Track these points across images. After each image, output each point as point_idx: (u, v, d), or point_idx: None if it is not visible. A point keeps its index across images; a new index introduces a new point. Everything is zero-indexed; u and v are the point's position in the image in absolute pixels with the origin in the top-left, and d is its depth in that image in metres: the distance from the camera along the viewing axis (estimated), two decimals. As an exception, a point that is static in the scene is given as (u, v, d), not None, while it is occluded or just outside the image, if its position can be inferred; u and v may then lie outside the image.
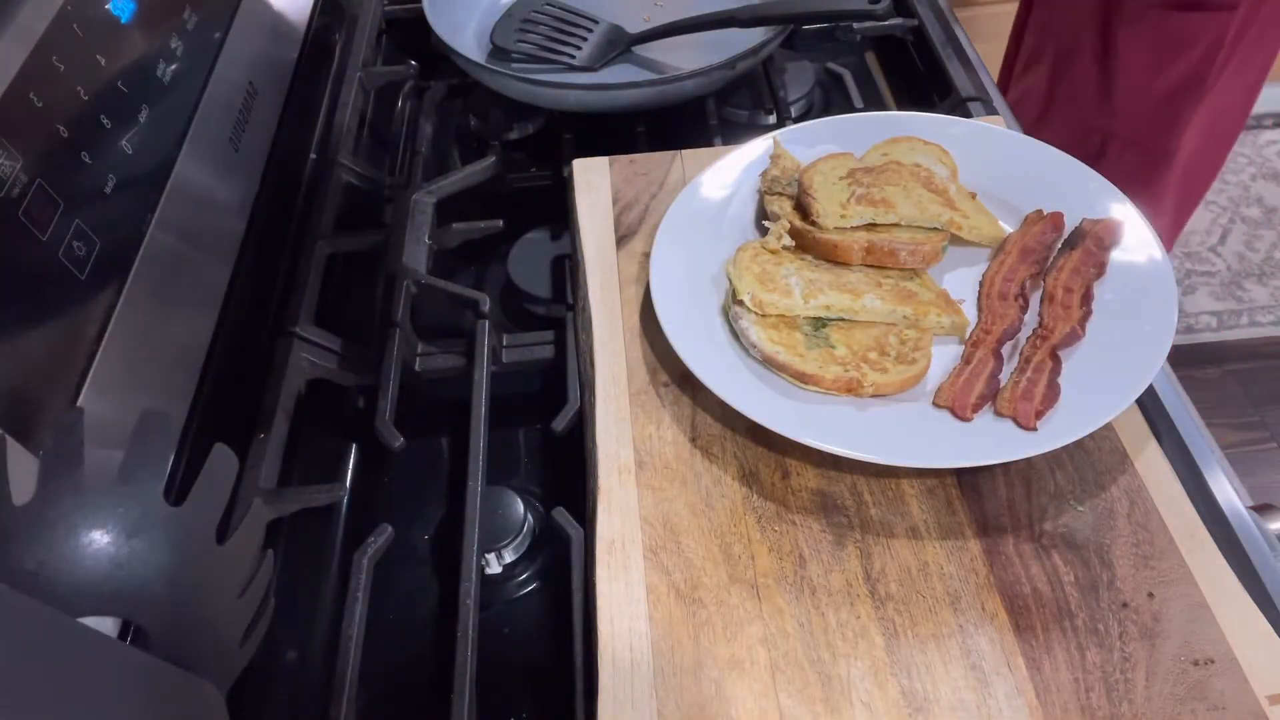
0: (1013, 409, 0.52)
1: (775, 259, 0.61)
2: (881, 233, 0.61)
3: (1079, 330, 0.55)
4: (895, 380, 0.54)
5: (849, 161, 0.66)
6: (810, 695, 0.45)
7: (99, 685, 0.35)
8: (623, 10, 0.88)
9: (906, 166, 0.64)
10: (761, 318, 0.58)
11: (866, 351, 0.56)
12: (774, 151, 0.68)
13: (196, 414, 0.58)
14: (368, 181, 0.80)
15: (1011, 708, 0.44)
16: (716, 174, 0.68)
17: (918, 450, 0.51)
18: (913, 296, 0.58)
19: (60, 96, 0.51)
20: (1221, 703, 0.44)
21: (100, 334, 0.51)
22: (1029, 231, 0.62)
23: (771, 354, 0.56)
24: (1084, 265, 0.59)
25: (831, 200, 0.62)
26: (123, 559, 0.42)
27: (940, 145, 0.67)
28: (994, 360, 0.55)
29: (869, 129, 0.69)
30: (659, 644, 0.47)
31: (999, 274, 0.60)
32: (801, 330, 0.58)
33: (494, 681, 0.50)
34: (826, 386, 0.54)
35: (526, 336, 0.67)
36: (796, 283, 0.59)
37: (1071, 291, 0.58)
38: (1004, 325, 0.57)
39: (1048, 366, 0.54)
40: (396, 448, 0.59)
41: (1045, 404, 0.52)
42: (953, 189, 0.64)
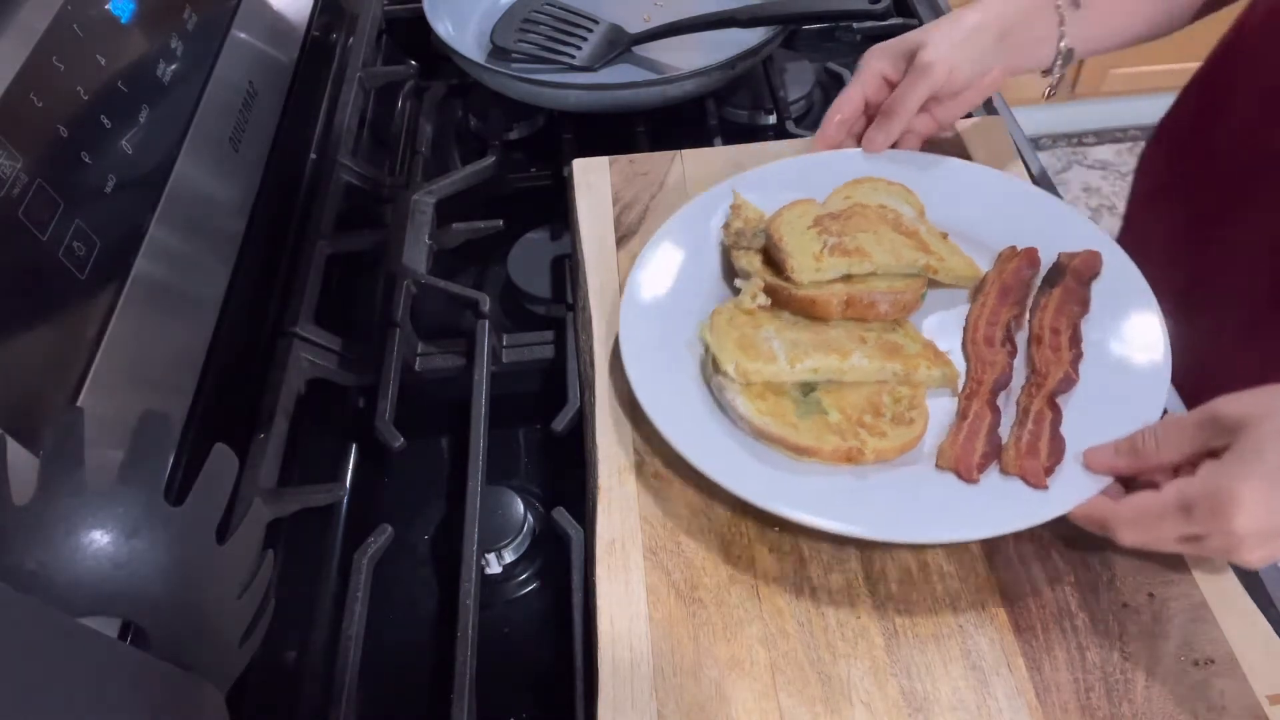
0: (1019, 467, 0.49)
1: (752, 320, 0.57)
2: (859, 284, 0.58)
3: (1073, 374, 0.53)
4: (895, 445, 0.51)
5: (813, 208, 0.62)
6: (810, 695, 0.45)
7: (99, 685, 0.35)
8: (623, 10, 0.88)
9: (872, 209, 0.62)
10: (747, 386, 0.54)
11: (861, 415, 0.53)
12: (734, 202, 0.65)
13: (196, 414, 0.58)
14: (368, 181, 0.80)
15: (1011, 708, 0.44)
16: (676, 228, 0.64)
17: (928, 522, 0.48)
18: (899, 350, 0.55)
19: (60, 96, 0.51)
20: (1221, 703, 0.44)
21: (100, 334, 0.51)
22: (1005, 269, 0.60)
23: (763, 427, 0.52)
24: (1067, 303, 0.57)
25: (804, 253, 0.58)
26: (123, 559, 0.42)
27: (903, 184, 0.64)
28: (991, 413, 0.53)
29: (829, 170, 0.66)
30: (659, 644, 0.47)
31: (981, 318, 0.58)
32: (790, 396, 0.54)
33: (494, 681, 0.50)
34: (825, 458, 0.51)
35: (526, 336, 0.67)
36: (779, 346, 0.55)
37: (1059, 333, 0.56)
38: (995, 374, 0.54)
39: (1047, 417, 0.51)
40: (396, 448, 0.59)
41: (1052, 459, 0.49)
42: (923, 229, 0.61)
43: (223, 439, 0.46)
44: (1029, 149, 0.74)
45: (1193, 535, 0.44)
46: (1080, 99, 2.25)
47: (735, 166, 0.71)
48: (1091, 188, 2.26)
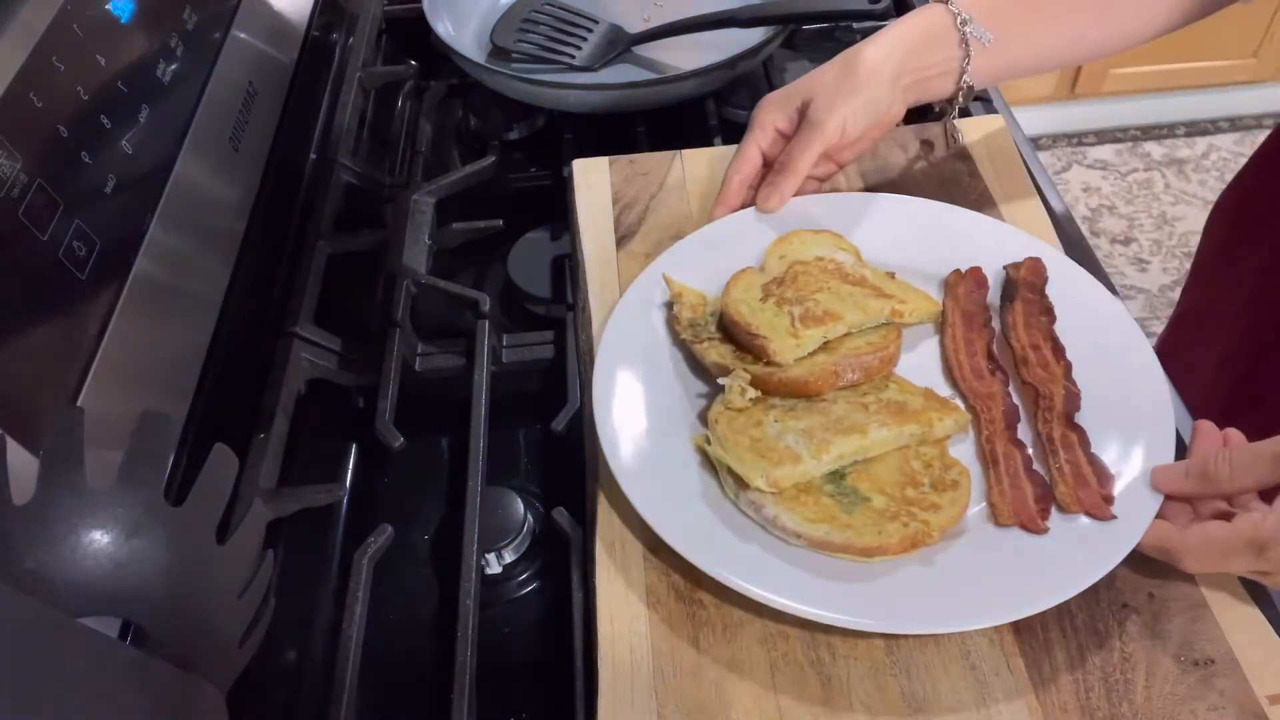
0: (1079, 502, 0.48)
1: (752, 418, 0.52)
2: (838, 347, 0.56)
3: (1072, 386, 0.52)
4: (954, 513, 0.48)
5: (756, 277, 0.59)
6: (810, 696, 0.45)
7: (99, 685, 0.35)
8: (623, 10, 0.88)
9: (813, 264, 0.59)
10: (780, 495, 0.49)
11: (903, 490, 0.50)
12: (672, 291, 0.59)
13: (196, 414, 0.58)
14: (368, 181, 0.80)
15: (1011, 708, 0.44)
16: (615, 341, 0.57)
17: (1022, 591, 0.45)
18: (905, 408, 0.53)
19: (60, 96, 0.51)
20: (1221, 703, 0.44)
21: (100, 334, 0.51)
22: (957, 295, 0.59)
23: (823, 538, 0.47)
24: (1033, 315, 0.56)
25: (778, 332, 0.55)
26: (123, 559, 0.42)
27: (830, 230, 0.62)
28: (1019, 451, 0.51)
29: (751, 230, 0.63)
30: (659, 644, 0.47)
31: (959, 351, 0.56)
32: (825, 492, 0.50)
33: (494, 681, 0.50)
34: (895, 552, 0.47)
35: (526, 336, 0.67)
36: (794, 441, 0.51)
37: (1039, 348, 0.55)
38: (1001, 406, 0.53)
39: (1074, 440, 0.50)
40: (396, 448, 0.59)
41: (1105, 483, 0.48)
42: (868, 274, 0.59)
43: (223, 439, 0.46)
44: (1029, 149, 0.74)
45: (1260, 572, 0.44)
46: (1080, 99, 2.26)
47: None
48: (1091, 188, 2.26)
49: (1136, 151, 2.34)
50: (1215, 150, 2.31)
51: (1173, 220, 2.18)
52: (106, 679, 0.36)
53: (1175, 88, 2.25)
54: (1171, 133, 2.36)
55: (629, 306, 0.60)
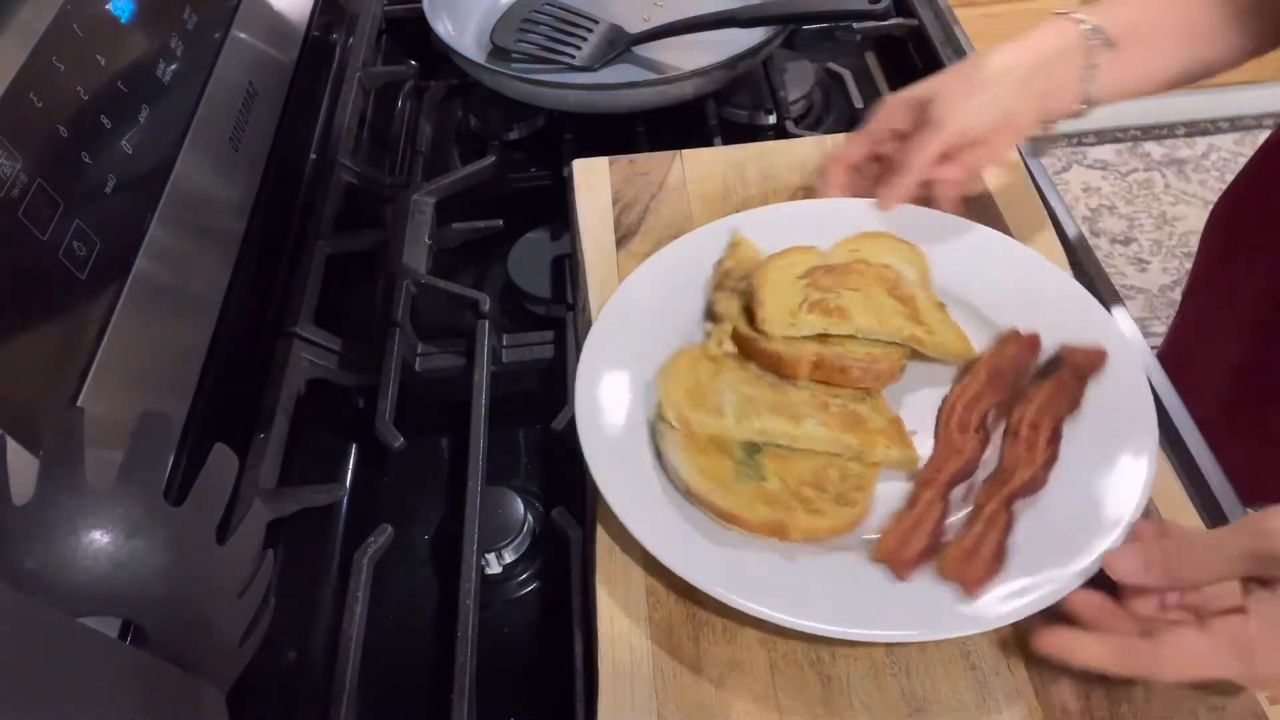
0: (955, 572, 0.45)
1: (713, 368, 0.54)
2: (834, 345, 0.54)
3: (1041, 476, 0.49)
4: (828, 525, 0.48)
5: (811, 257, 0.59)
6: (810, 696, 0.45)
7: (99, 685, 0.35)
8: (623, 10, 0.88)
9: (873, 268, 0.58)
10: (690, 438, 0.51)
11: (801, 486, 0.50)
12: (733, 239, 0.61)
13: (196, 414, 0.58)
14: (368, 181, 0.80)
15: (1011, 708, 0.44)
16: (665, 259, 0.61)
17: (844, 614, 0.45)
18: (861, 423, 0.52)
19: (60, 96, 0.51)
20: (1221, 703, 0.44)
21: (100, 334, 0.51)
22: (1001, 353, 0.55)
23: (691, 484, 0.49)
24: (1056, 398, 0.52)
25: (780, 305, 0.55)
26: (123, 559, 0.42)
27: (913, 245, 0.60)
28: (941, 505, 0.49)
29: (840, 217, 0.62)
30: (659, 644, 0.47)
31: (961, 400, 0.53)
32: (733, 456, 0.51)
33: (494, 681, 0.50)
34: (750, 528, 0.48)
35: (526, 336, 0.67)
36: (730, 400, 0.52)
37: (1038, 429, 0.51)
38: (959, 463, 0.50)
39: (1000, 521, 0.47)
40: (396, 448, 0.59)
41: (989, 572, 0.45)
42: (920, 297, 0.57)
43: (223, 439, 0.46)
44: (1029, 149, 0.74)
45: (1250, 677, 0.41)
46: (1080, 99, 2.25)
47: (735, 166, 0.71)
48: (1091, 188, 2.26)
49: (1136, 151, 2.34)
50: (1215, 150, 2.31)
51: (1173, 220, 2.18)
52: (106, 679, 0.36)
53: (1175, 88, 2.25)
54: (1171, 133, 2.36)
55: (697, 238, 0.62)
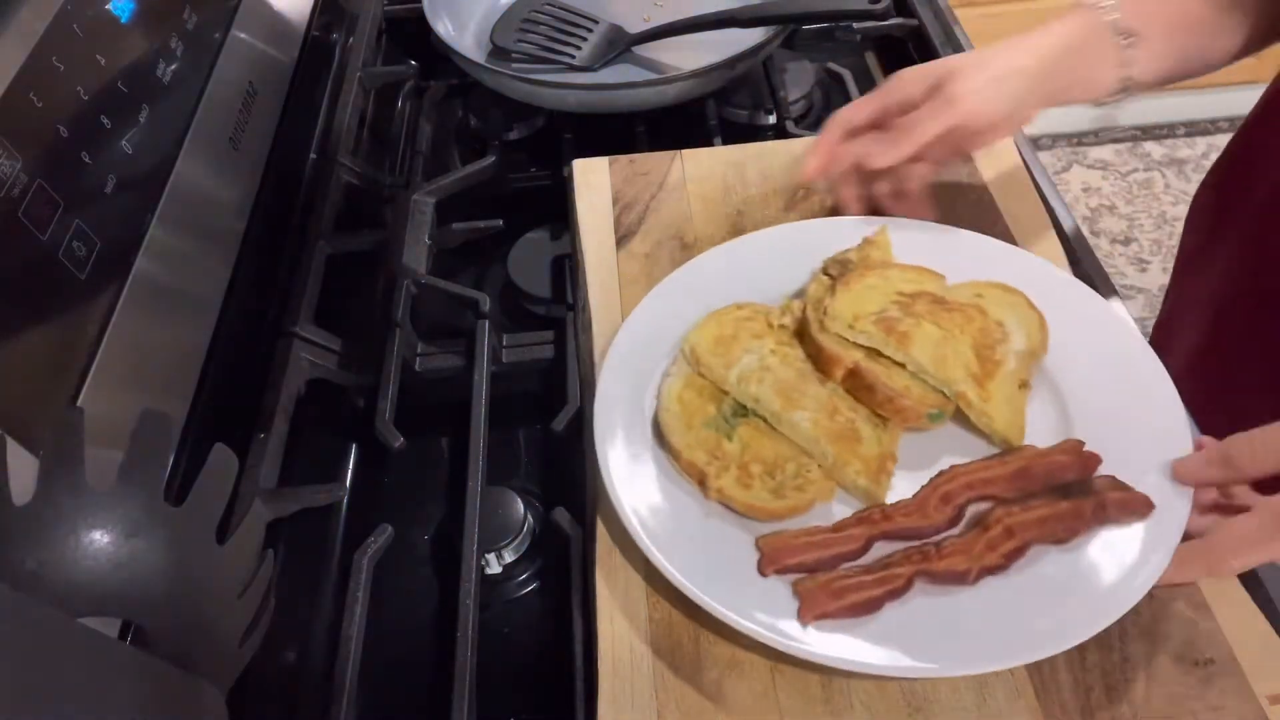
0: (807, 592, 0.45)
1: (759, 331, 0.55)
2: (877, 364, 0.52)
3: (969, 578, 0.45)
4: (744, 499, 0.49)
5: (929, 282, 0.57)
6: (810, 695, 0.45)
7: (99, 685, 0.35)
8: (623, 10, 0.88)
9: (981, 318, 0.54)
10: (692, 377, 0.54)
11: (753, 461, 0.50)
12: (872, 236, 0.60)
13: (196, 414, 0.58)
14: (368, 181, 0.80)
15: (1011, 708, 0.44)
16: (782, 235, 0.61)
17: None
18: (852, 442, 0.51)
19: (60, 96, 0.51)
20: (1221, 703, 0.44)
21: (100, 334, 0.51)
22: (1047, 456, 0.50)
23: (662, 412, 0.52)
24: (1058, 523, 0.47)
25: (855, 305, 0.54)
26: (123, 559, 0.42)
27: (1043, 318, 0.55)
28: (860, 545, 0.47)
29: (988, 260, 0.59)
30: (659, 644, 0.47)
31: (969, 477, 0.50)
32: (718, 408, 0.53)
33: (494, 681, 0.50)
34: (680, 465, 0.51)
35: (526, 336, 0.67)
36: (748, 362, 0.53)
37: (1010, 537, 0.46)
38: (914, 524, 0.48)
39: (895, 585, 0.45)
40: (396, 448, 0.59)
41: (837, 611, 0.44)
42: (1008, 366, 0.52)
43: (223, 439, 0.46)
44: (1029, 149, 0.74)
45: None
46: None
47: (735, 166, 0.71)
48: (1091, 188, 2.26)
49: (1136, 151, 2.34)
50: (1215, 150, 2.30)
51: (1173, 220, 2.18)
52: (106, 679, 0.36)
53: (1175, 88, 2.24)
54: (1171, 133, 2.36)
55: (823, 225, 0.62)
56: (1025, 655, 0.44)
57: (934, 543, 0.48)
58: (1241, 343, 0.76)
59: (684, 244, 0.66)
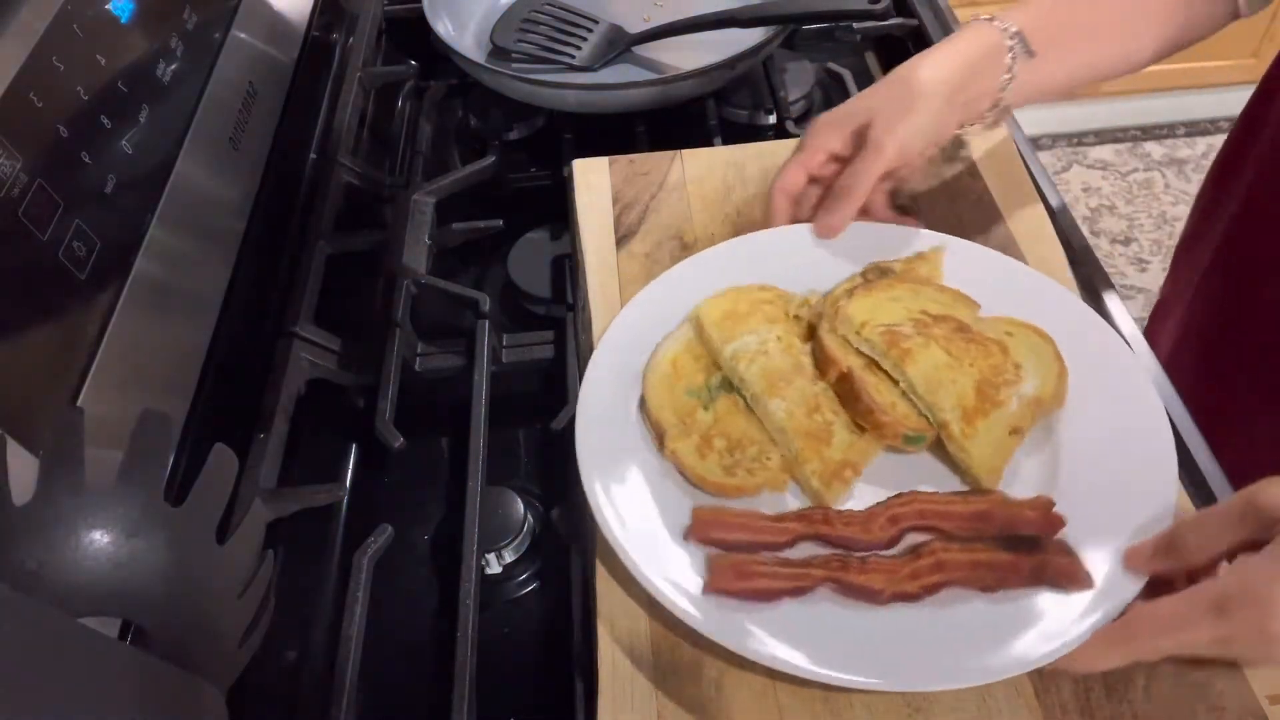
0: (713, 571, 0.46)
1: (772, 316, 0.56)
2: (871, 376, 0.52)
3: (881, 598, 0.45)
4: (693, 465, 0.50)
5: (962, 309, 0.55)
6: (810, 695, 0.45)
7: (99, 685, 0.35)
8: (623, 10, 0.88)
9: (997, 355, 0.52)
10: (692, 344, 0.55)
11: (718, 435, 0.51)
12: (925, 251, 0.60)
13: (196, 414, 0.58)
14: (368, 181, 0.80)
15: (1011, 708, 0.44)
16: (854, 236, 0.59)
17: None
18: (820, 442, 0.51)
19: (60, 96, 0.51)
20: (1221, 703, 0.44)
21: (100, 334, 0.51)
22: (1012, 507, 0.48)
23: (650, 369, 0.54)
24: (990, 571, 0.46)
25: (869, 313, 0.54)
26: (123, 559, 0.42)
27: (1065, 370, 0.53)
28: (787, 538, 0.48)
29: (1033, 301, 0.56)
30: (659, 644, 0.47)
31: (925, 506, 0.49)
32: (705, 376, 0.54)
33: (494, 681, 0.50)
34: (649, 421, 0.52)
35: (526, 336, 0.67)
36: (746, 342, 0.54)
37: (939, 571, 0.46)
38: (848, 533, 0.48)
39: (784, 584, 0.45)
40: (396, 448, 0.59)
41: (721, 585, 0.45)
42: (1009, 408, 0.51)
43: (223, 439, 0.46)
44: (1029, 149, 0.74)
45: (1224, 637, 0.40)
46: (1080, 99, 2.26)
47: (735, 166, 0.71)
48: (1091, 188, 2.26)
49: (1136, 151, 2.34)
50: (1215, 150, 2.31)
51: (1173, 220, 2.18)
52: (106, 679, 0.36)
53: (1175, 88, 2.25)
54: (1171, 133, 2.36)
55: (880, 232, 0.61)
56: (898, 682, 0.43)
57: (859, 557, 0.47)
58: (1226, 316, 0.77)
59: (684, 244, 0.66)
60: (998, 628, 0.44)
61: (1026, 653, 0.43)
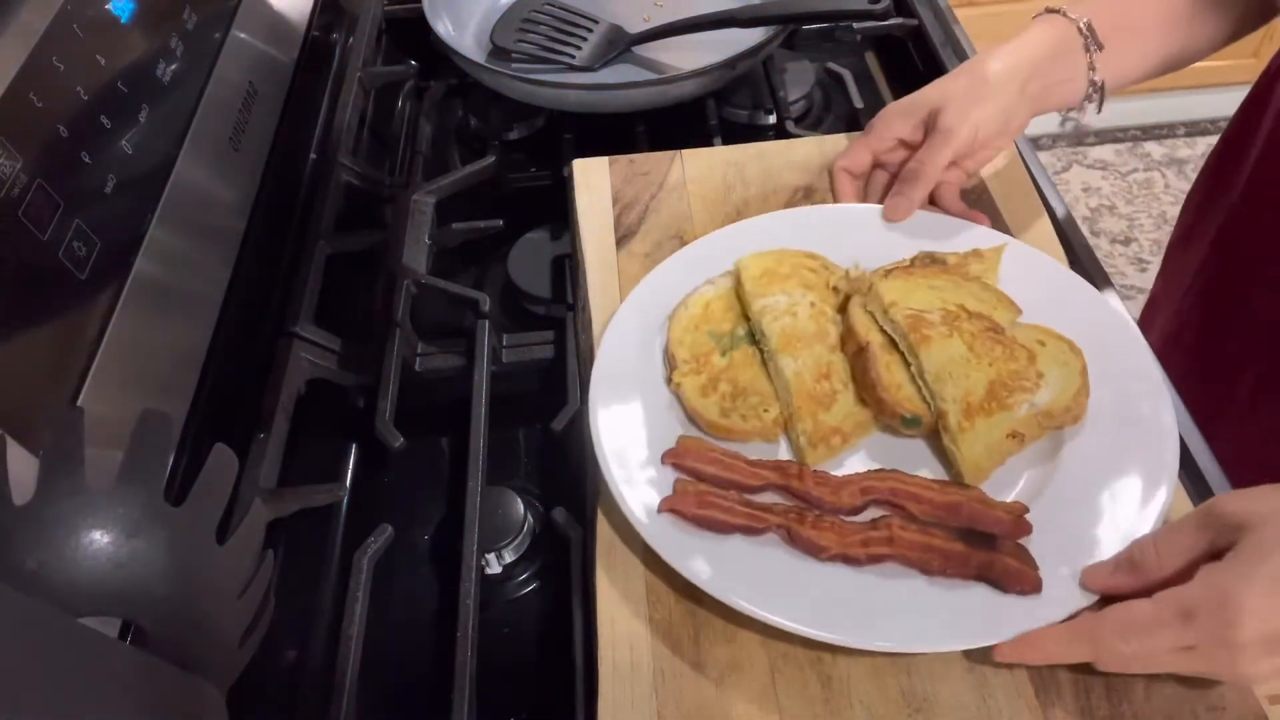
0: (674, 492, 0.49)
1: (810, 283, 0.58)
2: (884, 356, 0.53)
3: (824, 555, 0.47)
4: (691, 404, 0.53)
5: (998, 310, 0.55)
6: (810, 695, 0.45)
7: (99, 685, 0.35)
8: (623, 10, 0.88)
9: (1022, 361, 0.52)
10: (728, 294, 0.59)
11: (725, 381, 0.54)
12: (984, 250, 0.60)
13: (196, 414, 0.58)
14: (368, 181, 0.80)
15: (1011, 708, 0.44)
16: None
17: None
18: (821, 406, 0.52)
19: (60, 96, 0.51)
20: (1221, 703, 0.44)
21: (100, 334, 0.51)
22: (986, 504, 0.49)
23: (683, 305, 0.58)
24: (939, 557, 0.47)
25: (902, 294, 0.55)
26: (123, 559, 0.42)
27: (1088, 387, 0.52)
28: (755, 484, 0.50)
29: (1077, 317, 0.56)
30: (659, 645, 0.47)
31: (903, 485, 0.50)
32: (730, 325, 0.57)
33: (494, 681, 0.50)
34: (670, 345, 0.56)
35: (526, 336, 0.67)
36: (777, 300, 0.56)
37: (888, 545, 0.47)
38: (816, 493, 0.49)
39: (737, 520, 0.48)
40: (396, 448, 0.59)
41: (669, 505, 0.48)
42: (1017, 413, 0.51)
43: (223, 439, 0.46)
44: (1029, 149, 0.74)
45: (1188, 646, 0.41)
46: (1080, 99, 2.25)
47: (735, 166, 0.71)
48: (1091, 188, 2.26)
49: (1136, 151, 2.34)
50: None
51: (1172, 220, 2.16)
52: (106, 679, 0.36)
53: (1175, 88, 2.25)
54: (1171, 133, 2.36)
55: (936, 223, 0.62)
56: (814, 628, 0.45)
57: (816, 513, 0.49)
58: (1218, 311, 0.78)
59: (684, 244, 0.65)
60: (927, 606, 0.46)
61: (945, 634, 0.45)
